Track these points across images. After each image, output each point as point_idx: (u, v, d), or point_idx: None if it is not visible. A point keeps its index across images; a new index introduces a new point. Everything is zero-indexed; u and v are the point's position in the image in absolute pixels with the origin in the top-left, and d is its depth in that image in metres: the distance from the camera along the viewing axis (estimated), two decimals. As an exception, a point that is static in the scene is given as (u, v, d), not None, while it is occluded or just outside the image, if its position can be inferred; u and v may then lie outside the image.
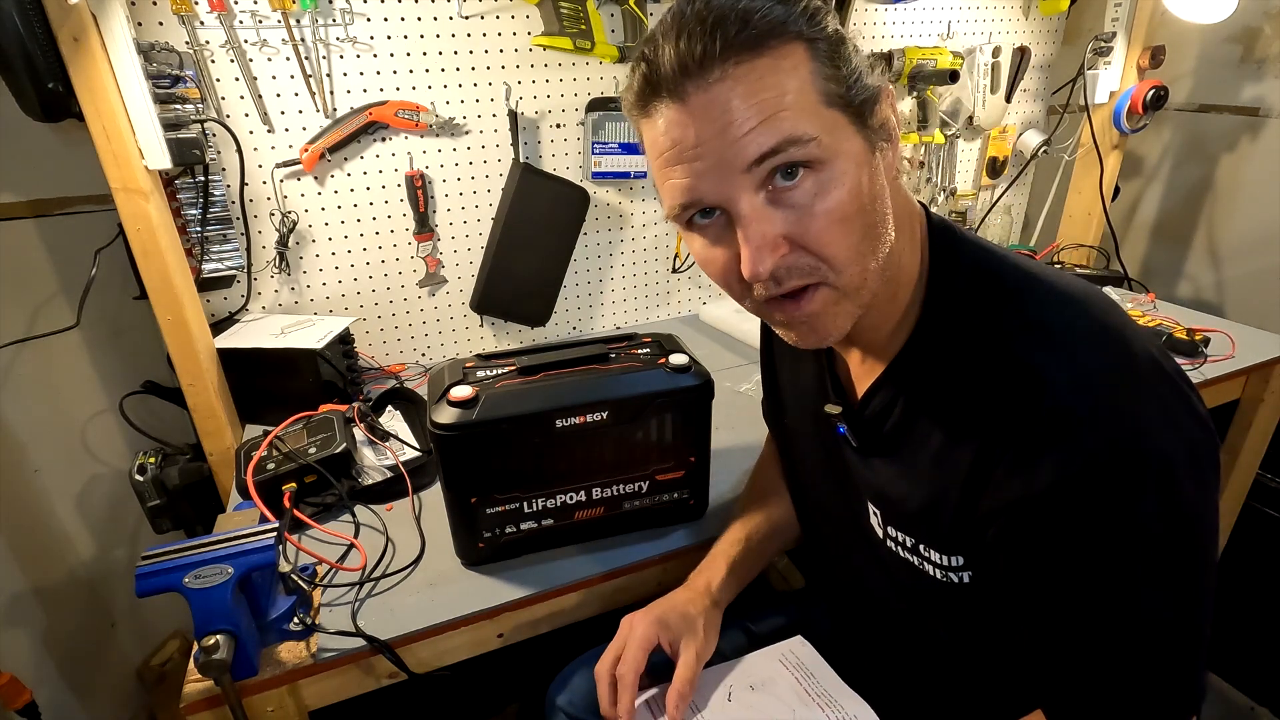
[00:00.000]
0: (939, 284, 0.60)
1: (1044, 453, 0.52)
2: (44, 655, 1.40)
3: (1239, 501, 1.54)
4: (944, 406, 0.59)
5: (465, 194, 1.37)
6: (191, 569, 0.68)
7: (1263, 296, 1.67)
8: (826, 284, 0.55)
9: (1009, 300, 0.57)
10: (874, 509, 0.69)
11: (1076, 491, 0.51)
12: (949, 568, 0.62)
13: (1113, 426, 0.51)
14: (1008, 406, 0.54)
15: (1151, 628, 0.53)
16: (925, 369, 0.61)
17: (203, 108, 1.13)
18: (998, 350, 0.55)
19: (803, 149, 0.50)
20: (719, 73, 0.49)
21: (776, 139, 0.50)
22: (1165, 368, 0.54)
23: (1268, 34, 1.59)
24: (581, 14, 1.28)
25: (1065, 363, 0.53)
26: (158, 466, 1.18)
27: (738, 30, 0.49)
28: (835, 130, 0.51)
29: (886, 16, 1.59)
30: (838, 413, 0.69)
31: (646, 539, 0.91)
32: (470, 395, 0.79)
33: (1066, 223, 1.82)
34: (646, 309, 1.64)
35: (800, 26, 0.51)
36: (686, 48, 0.49)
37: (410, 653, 0.79)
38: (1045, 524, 0.53)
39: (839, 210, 0.52)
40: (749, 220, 0.52)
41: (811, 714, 0.70)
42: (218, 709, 0.72)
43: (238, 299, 1.27)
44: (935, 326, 0.60)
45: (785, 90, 0.50)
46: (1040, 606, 0.56)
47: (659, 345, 0.90)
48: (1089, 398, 0.51)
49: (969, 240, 0.62)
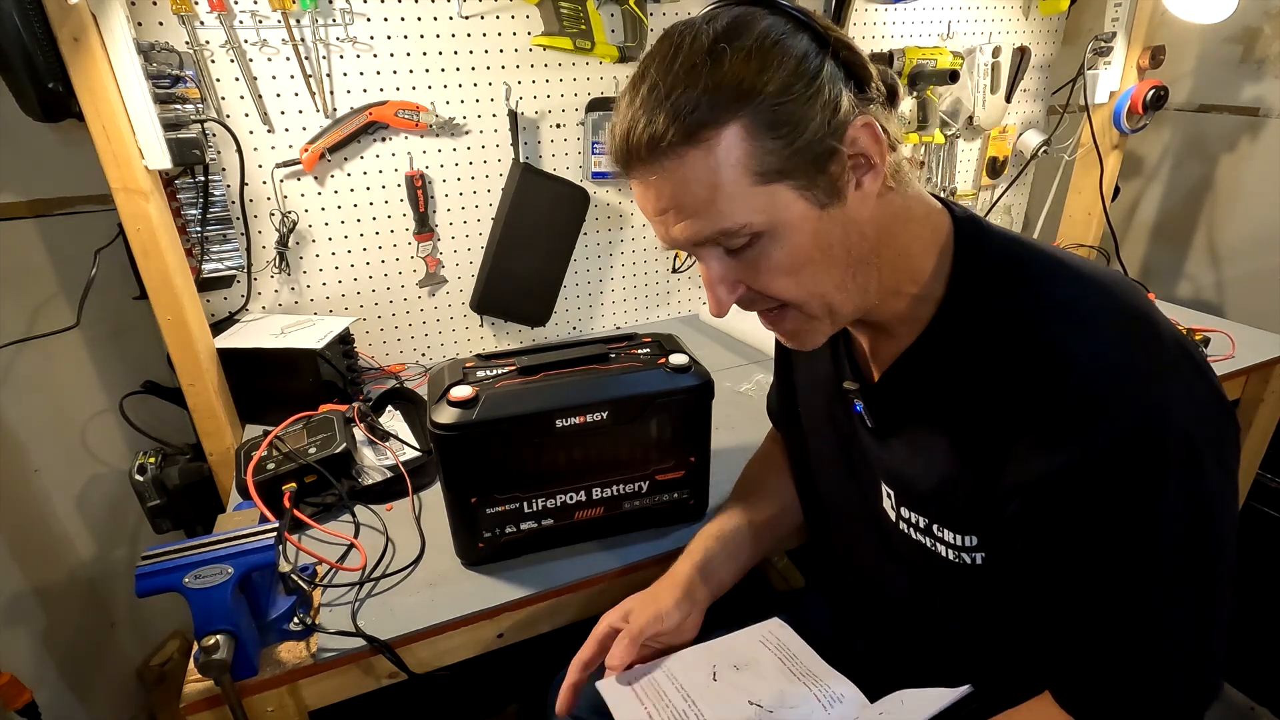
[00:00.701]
0: (964, 269, 0.61)
1: (1068, 432, 0.52)
2: (44, 655, 1.40)
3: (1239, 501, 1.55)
4: (965, 385, 0.59)
5: (465, 194, 1.37)
6: (191, 569, 0.68)
7: (1263, 296, 1.67)
8: (794, 309, 0.60)
9: (1034, 283, 0.58)
10: (888, 490, 0.69)
11: (1099, 472, 0.52)
12: (962, 548, 0.62)
13: (1139, 409, 0.51)
14: (1031, 385, 0.54)
15: (1167, 615, 0.53)
16: (948, 349, 0.61)
17: (203, 108, 1.13)
18: (1022, 330, 0.56)
19: (734, 237, 0.55)
20: (656, 169, 0.54)
21: (709, 231, 0.55)
22: (1191, 352, 0.55)
23: (1268, 34, 1.59)
24: (581, 14, 1.28)
25: (1091, 343, 0.53)
26: (158, 466, 1.19)
27: (667, 127, 0.52)
28: (772, 205, 0.54)
29: (886, 16, 1.59)
30: (855, 389, 0.70)
31: (647, 539, 0.91)
32: (470, 395, 0.79)
33: (1066, 223, 1.82)
34: (646, 309, 1.64)
35: (739, 106, 0.52)
36: (627, 144, 0.55)
37: (410, 653, 0.79)
38: (1065, 504, 0.53)
39: (785, 265, 0.57)
40: (708, 267, 0.59)
41: (798, 691, 0.70)
42: (218, 709, 0.72)
43: (238, 299, 1.27)
44: (959, 309, 0.60)
45: (715, 184, 0.53)
46: (1054, 587, 0.56)
47: (659, 345, 0.90)
48: (1115, 378, 0.52)
49: (995, 230, 0.63)
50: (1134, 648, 0.54)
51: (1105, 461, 0.51)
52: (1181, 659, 0.54)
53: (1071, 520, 0.54)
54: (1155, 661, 0.54)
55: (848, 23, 1.53)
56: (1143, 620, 0.53)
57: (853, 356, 0.72)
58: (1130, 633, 0.54)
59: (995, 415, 0.56)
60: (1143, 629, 0.53)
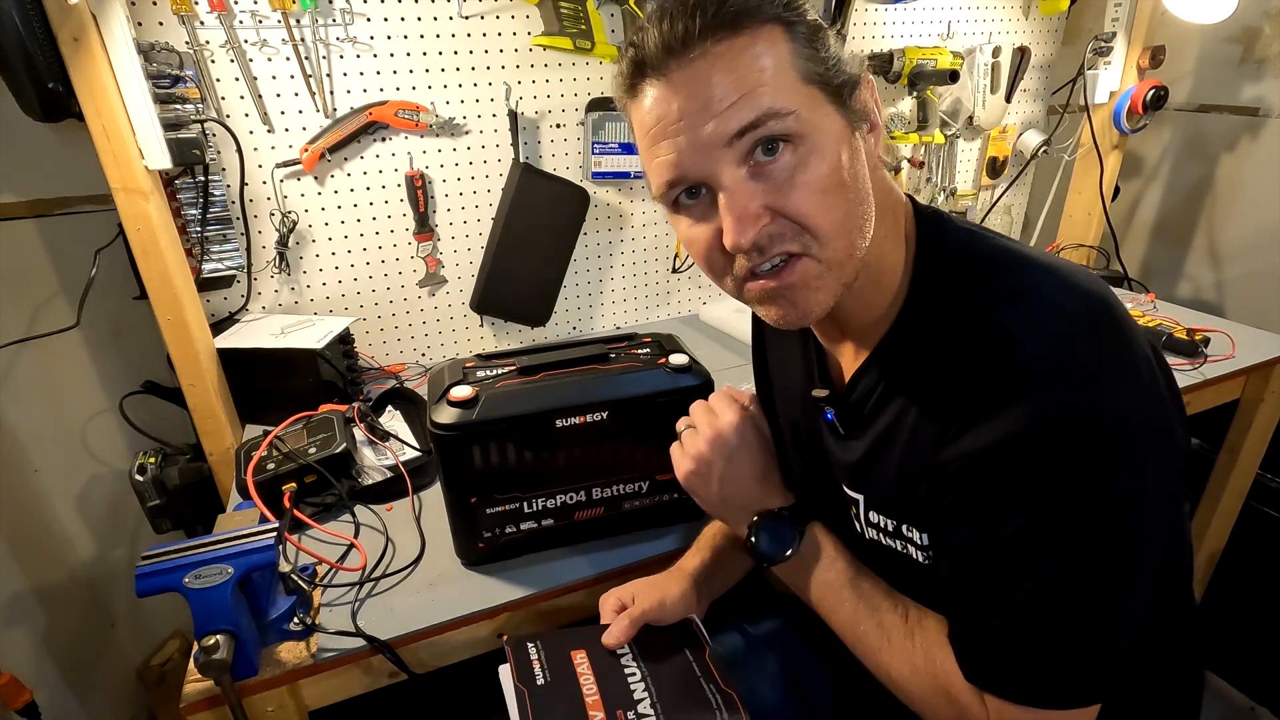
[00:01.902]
0: (924, 268, 0.61)
1: (1001, 408, 0.52)
2: (44, 655, 1.40)
3: (1239, 501, 1.54)
4: (922, 382, 0.59)
5: (465, 194, 1.37)
6: (191, 569, 0.68)
7: (1263, 296, 1.67)
8: (809, 255, 0.55)
9: (991, 276, 0.57)
10: (857, 496, 0.69)
11: (1020, 448, 0.51)
12: (928, 547, 0.62)
13: (1072, 388, 0.50)
14: (978, 368, 0.54)
15: (1053, 602, 0.52)
16: (908, 350, 0.61)
17: (203, 108, 1.13)
18: (976, 321, 0.55)
19: (781, 122, 0.52)
20: (699, 50, 0.52)
21: (755, 113, 0.51)
22: (1146, 350, 0.54)
23: (1268, 34, 1.59)
24: (581, 14, 1.28)
25: (1038, 325, 0.53)
26: (158, 466, 1.19)
27: (715, 10, 0.51)
28: (814, 106, 0.53)
29: (886, 16, 1.59)
30: (824, 395, 0.69)
31: (647, 539, 0.91)
32: (470, 395, 0.79)
33: (1066, 223, 1.82)
34: (646, 309, 1.64)
35: (777, 10, 0.53)
36: (669, 28, 0.52)
37: (410, 653, 0.79)
38: (980, 478, 0.53)
39: (819, 183, 0.53)
40: (731, 192, 0.54)
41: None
42: (218, 709, 0.72)
43: (238, 299, 1.27)
44: (919, 308, 0.60)
45: (763, 66, 0.52)
46: (956, 560, 0.57)
47: (659, 345, 0.90)
48: (1055, 357, 0.51)
49: (956, 226, 0.62)
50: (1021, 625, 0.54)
51: (1026, 440, 0.51)
52: (1069, 643, 0.53)
53: (979, 495, 0.54)
54: (1042, 641, 0.54)
55: (848, 23, 1.53)
56: (1034, 600, 0.53)
57: (824, 366, 0.72)
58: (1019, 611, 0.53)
59: (947, 403, 0.56)
60: (1027, 616, 0.53)
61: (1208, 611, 1.62)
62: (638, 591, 0.78)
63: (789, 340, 0.77)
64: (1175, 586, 0.68)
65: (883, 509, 0.65)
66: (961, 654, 0.58)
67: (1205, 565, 1.59)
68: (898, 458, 0.61)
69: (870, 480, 0.66)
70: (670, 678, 0.72)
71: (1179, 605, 0.69)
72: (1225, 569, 1.60)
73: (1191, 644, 0.71)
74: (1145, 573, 0.54)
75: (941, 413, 0.56)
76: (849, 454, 0.68)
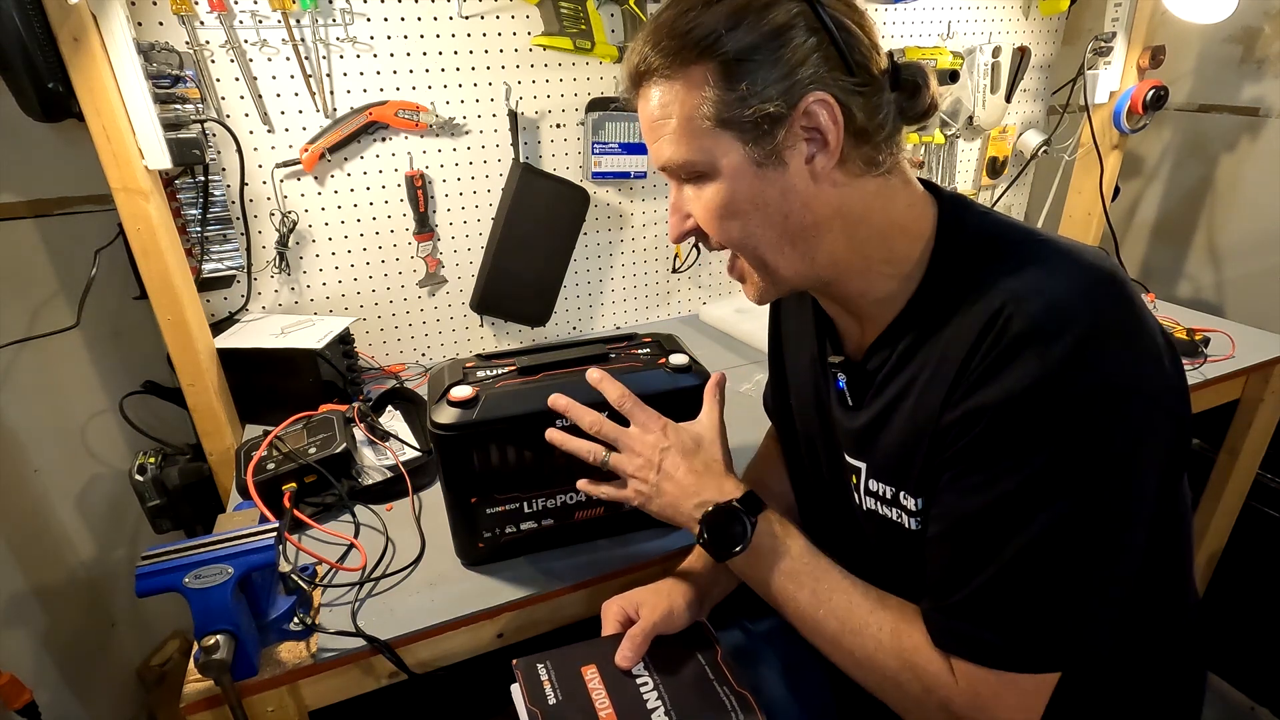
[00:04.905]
0: (943, 249, 0.62)
1: (1007, 366, 0.53)
2: (44, 655, 1.40)
3: (1239, 501, 1.54)
4: (934, 350, 0.60)
5: (465, 194, 1.37)
6: (191, 569, 0.68)
7: (1263, 296, 1.67)
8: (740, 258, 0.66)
9: (1007, 254, 0.59)
10: (859, 465, 0.69)
11: (1023, 403, 0.52)
12: (919, 512, 0.63)
13: (1079, 345, 0.51)
14: (987, 332, 0.55)
15: (1043, 559, 0.53)
16: (923, 322, 0.62)
17: (203, 108, 1.13)
18: (987, 290, 0.57)
19: (680, 168, 0.62)
20: (647, 84, 0.62)
21: (659, 161, 0.63)
22: (1154, 332, 0.55)
23: (1268, 34, 1.59)
24: (581, 14, 1.28)
25: (1044, 289, 0.54)
26: (158, 466, 1.19)
27: (665, 46, 0.59)
28: (715, 149, 0.60)
29: (886, 16, 1.59)
30: (839, 361, 0.71)
31: (647, 539, 0.91)
32: (470, 395, 0.79)
33: (1066, 223, 1.82)
34: (646, 309, 1.64)
35: (706, 54, 0.57)
36: (634, 62, 0.62)
37: (410, 653, 0.79)
38: (982, 433, 0.54)
39: (714, 209, 0.62)
40: (672, 195, 0.67)
41: None
42: (218, 709, 0.72)
43: (238, 299, 1.27)
44: (936, 285, 0.62)
45: (684, 115, 0.59)
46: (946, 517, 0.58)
47: (659, 345, 0.90)
48: (1062, 317, 0.52)
49: (978, 209, 0.64)
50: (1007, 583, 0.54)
51: (1032, 393, 0.52)
52: (1053, 603, 0.54)
53: (986, 447, 0.54)
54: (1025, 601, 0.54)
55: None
56: (1024, 556, 0.53)
57: (837, 340, 0.73)
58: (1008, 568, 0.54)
59: (956, 367, 0.57)
60: (1020, 566, 0.54)
61: (1208, 611, 1.62)
62: (643, 601, 0.76)
63: (803, 313, 0.79)
64: (1175, 584, 0.68)
65: (882, 475, 0.66)
66: (935, 621, 0.59)
67: (1205, 565, 1.59)
68: (903, 423, 0.62)
69: (874, 447, 0.67)
70: (683, 684, 0.71)
71: (1179, 605, 0.69)
72: (1225, 569, 1.60)
73: (1192, 644, 0.71)
74: (1136, 532, 0.55)
75: (949, 377, 0.57)
76: (854, 422, 0.69)
